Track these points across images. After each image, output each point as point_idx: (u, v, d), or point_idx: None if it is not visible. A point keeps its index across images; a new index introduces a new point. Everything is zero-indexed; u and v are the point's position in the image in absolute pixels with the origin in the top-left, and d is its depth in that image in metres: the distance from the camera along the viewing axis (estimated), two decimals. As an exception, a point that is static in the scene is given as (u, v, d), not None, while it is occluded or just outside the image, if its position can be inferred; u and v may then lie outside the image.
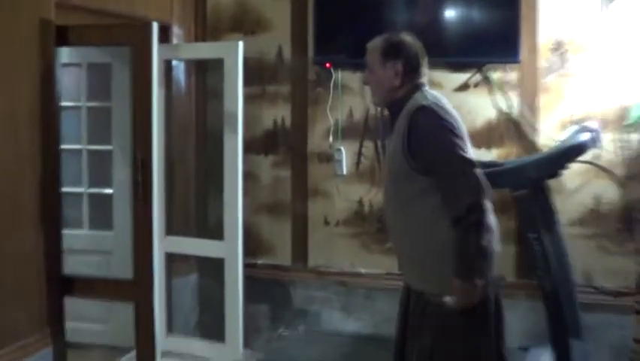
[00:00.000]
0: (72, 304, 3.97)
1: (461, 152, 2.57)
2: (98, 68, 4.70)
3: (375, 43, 2.84)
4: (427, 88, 2.80)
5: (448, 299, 2.56)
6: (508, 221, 4.17)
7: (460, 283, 2.52)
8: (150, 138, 3.62)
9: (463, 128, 2.68)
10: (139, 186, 3.66)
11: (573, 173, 4.13)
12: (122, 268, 3.95)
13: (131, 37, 3.74)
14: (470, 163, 2.57)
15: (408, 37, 2.83)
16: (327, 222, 4.85)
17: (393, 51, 2.78)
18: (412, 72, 2.78)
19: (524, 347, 4.04)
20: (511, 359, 3.49)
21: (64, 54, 4.41)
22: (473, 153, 2.65)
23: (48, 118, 3.68)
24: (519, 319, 4.02)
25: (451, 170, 2.56)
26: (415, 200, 2.66)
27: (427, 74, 2.84)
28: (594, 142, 3.84)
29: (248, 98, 4.71)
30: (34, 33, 3.61)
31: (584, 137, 3.82)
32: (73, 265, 4.02)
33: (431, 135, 2.59)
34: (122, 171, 4.27)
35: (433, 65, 4.28)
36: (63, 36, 3.73)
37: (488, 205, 2.55)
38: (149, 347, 3.73)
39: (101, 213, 4.55)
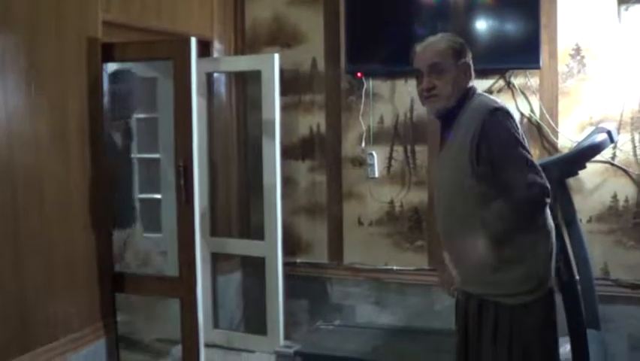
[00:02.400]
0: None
1: (529, 157, 2.51)
2: (145, 81, 5.04)
3: (440, 43, 2.67)
4: (480, 91, 2.73)
5: None
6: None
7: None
8: (191, 145, 3.81)
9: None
10: (182, 190, 3.86)
11: (592, 173, 4.30)
12: (173, 267, 4.15)
13: (171, 51, 3.93)
14: (535, 165, 2.50)
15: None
16: (360, 223, 5.04)
17: (463, 50, 2.68)
18: (472, 75, 2.71)
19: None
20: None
21: (112, 69, 4.74)
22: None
23: (96, 131, 3.90)
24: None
25: (517, 167, 2.47)
26: (478, 212, 2.55)
27: None
28: (609, 142, 4.02)
29: (285, 107, 5.01)
30: (82, 50, 3.83)
31: (600, 137, 3.97)
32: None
33: (507, 138, 2.49)
34: (168, 177, 4.52)
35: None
36: (109, 52, 3.95)
37: (551, 223, 2.61)
38: (193, 340, 3.91)
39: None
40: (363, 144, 4.96)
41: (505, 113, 2.54)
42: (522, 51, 4.43)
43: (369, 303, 5.02)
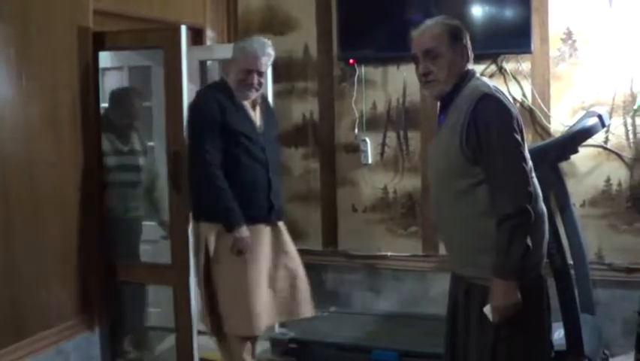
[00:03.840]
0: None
1: (521, 150, 2.47)
2: (139, 70, 5.03)
3: (435, 27, 2.63)
4: (478, 75, 2.68)
5: (485, 309, 2.47)
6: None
7: (500, 282, 2.43)
8: (181, 132, 3.81)
9: (521, 119, 2.57)
10: (173, 177, 3.88)
11: (585, 157, 4.31)
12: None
13: (162, 40, 3.93)
14: (526, 163, 2.48)
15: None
16: (354, 209, 5.06)
17: (459, 33, 2.64)
18: (470, 57, 2.67)
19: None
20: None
21: (107, 59, 4.73)
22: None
23: (88, 118, 3.92)
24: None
25: (506, 169, 2.44)
26: (469, 194, 2.53)
27: None
28: (600, 126, 4.03)
29: (278, 95, 5.01)
30: (73, 39, 3.84)
31: (591, 121, 3.97)
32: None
33: (494, 127, 2.46)
34: (162, 165, 4.51)
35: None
36: (100, 41, 3.96)
37: (542, 208, 2.56)
38: (187, 327, 3.93)
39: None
40: (356, 131, 4.97)
41: (496, 100, 2.50)
42: (513, 36, 4.43)
43: (364, 289, 5.04)
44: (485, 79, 2.67)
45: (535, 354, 2.60)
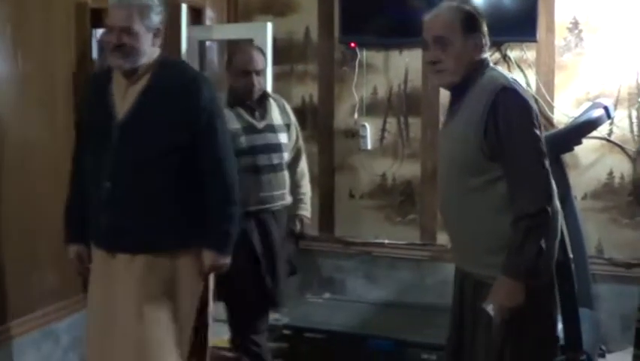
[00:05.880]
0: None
1: (541, 146, 2.38)
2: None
3: (448, 14, 2.49)
4: (492, 65, 2.58)
5: (489, 307, 2.40)
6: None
7: (509, 281, 2.34)
8: None
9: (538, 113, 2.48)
10: None
11: (588, 149, 4.27)
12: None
13: None
14: (545, 160, 2.38)
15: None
16: (352, 195, 5.00)
17: (474, 22, 2.49)
18: (484, 46, 2.53)
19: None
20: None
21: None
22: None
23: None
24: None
25: (528, 166, 2.36)
26: (484, 191, 2.44)
27: None
28: (606, 117, 3.98)
29: (277, 77, 4.92)
30: (70, 16, 3.78)
31: (597, 113, 3.94)
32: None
33: (515, 122, 2.36)
34: None
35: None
36: (98, 18, 3.85)
37: (557, 206, 2.48)
38: (205, 308, 3.84)
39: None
40: (356, 116, 4.90)
41: (517, 93, 2.41)
42: (519, 24, 4.35)
43: (360, 277, 4.99)
44: (500, 69, 2.59)
45: (543, 354, 2.55)
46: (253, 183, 3.48)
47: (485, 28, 2.53)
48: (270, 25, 4.56)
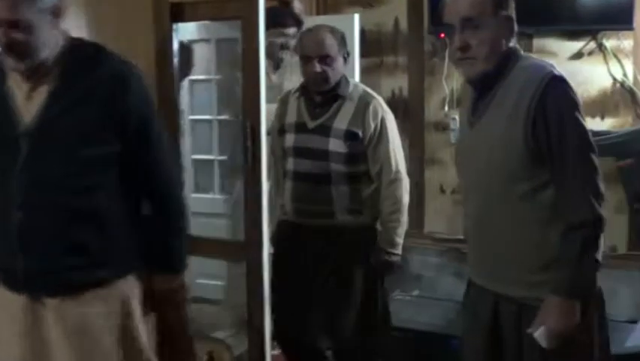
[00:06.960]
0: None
1: (594, 144, 2.13)
2: (226, 43, 4.99)
3: None
4: (523, 53, 2.28)
5: (537, 334, 2.11)
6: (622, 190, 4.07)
7: (561, 301, 2.09)
8: (259, 106, 3.68)
9: None
10: (248, 152, 3.75)
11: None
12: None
13: (240, 11, 3.80)
14: (596, 159, 2.12)
15: None
16: (442, 190, 4.89)
17: (505, 1, 2.19)
18: (514, 31, 2.23)
19: (633, 320, 3.88)
20: (618, 332, 3.45)
21: (193, 30, 4.74)
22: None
23: (166, 91, 3.85)
24: (629, 290, 3.95)
25: (582, 170, 2.10)
26: (530, 199, 2.17)
27: None
28: None
29: (367, 70, 4.84)
30: (149, 10, 3.78)
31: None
32: (201, 227, 4.32)
33: (568, 117, 2.10)
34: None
35: (547, 34, 4.27)
36: (178, 13, 3.88)
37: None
38: (258, 303, 3.83)
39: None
40: (446, 108, 4.77)
41: (567, 84, 2.14)
42: (614, 11, 4.13)
43: (450, 274, 4.84)
44: (537, 58, 2.33)
45: None
46: (289, 190, 3.29)
47: (514, 11, 2.23)
48: (357, 17, 4.50)
